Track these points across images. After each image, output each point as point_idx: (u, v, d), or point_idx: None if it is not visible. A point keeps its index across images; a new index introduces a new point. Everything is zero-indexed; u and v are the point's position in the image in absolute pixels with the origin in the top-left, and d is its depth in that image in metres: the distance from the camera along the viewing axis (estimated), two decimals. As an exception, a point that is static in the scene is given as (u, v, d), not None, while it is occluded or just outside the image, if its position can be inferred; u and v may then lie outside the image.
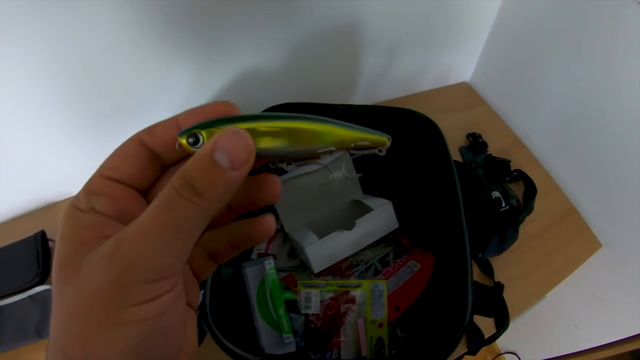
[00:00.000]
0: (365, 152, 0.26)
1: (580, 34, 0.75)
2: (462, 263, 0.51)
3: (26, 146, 0.72)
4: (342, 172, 0.27)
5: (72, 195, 0.80)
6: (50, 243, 0.79)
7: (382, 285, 0.63)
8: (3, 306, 0.71)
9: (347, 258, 0.67)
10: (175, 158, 0.24)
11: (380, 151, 0.26)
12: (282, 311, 0.61)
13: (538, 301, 0.83)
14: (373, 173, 0.71)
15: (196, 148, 0.22)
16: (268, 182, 0.25)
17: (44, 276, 0.75)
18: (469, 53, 1.00)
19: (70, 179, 0.81)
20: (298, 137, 0.24)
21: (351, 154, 0.26)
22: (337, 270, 0.66)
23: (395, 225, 0.66)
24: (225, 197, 0.21)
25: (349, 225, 0.63)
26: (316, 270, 0.62)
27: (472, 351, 0.66)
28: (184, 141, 0.22)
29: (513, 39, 0.90)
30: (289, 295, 0.64)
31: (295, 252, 0.71)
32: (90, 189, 0.23)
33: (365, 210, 0.66)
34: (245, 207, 0.27)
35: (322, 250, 0.62)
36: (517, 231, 0.76)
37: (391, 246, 0.69)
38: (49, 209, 0.84)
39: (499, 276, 0.75)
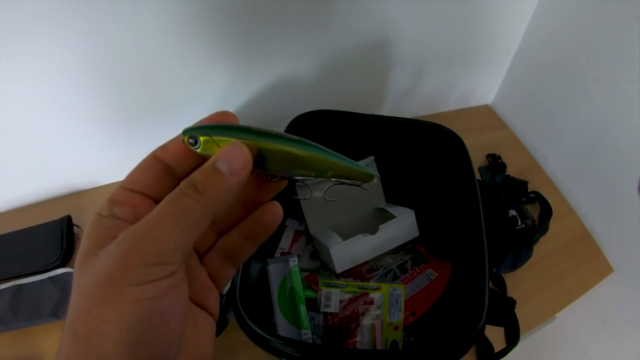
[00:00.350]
0: (349, 183, 0.28)
1: (601, 62, 0.78)
2: (480, 270, 0.54)
3: (62, 135, 0.77)
4: (322, 194, 0.29)
5: (99, 185, 0.85)
6: (75, 228, 0.82)
7: (400, 289, 0.66)
8: (22, 285, 0.74)
9: (367, 262, 0.69)
10: (186, 170, 0.27)
11: (367, 186, 0.28)
12: (302, 307, 0.64)
13: (548, 321, 0.84)
14: (396, 183, 0.74)
15: (195, 148, 0.26)
16: None
17: (65, 259, 0.77)
18: (492, 77, 1.04)
19: (101, 170, 0.85)
20: (285, 158, 0.27)
21: (335, 182, 0.28)
22: (357, 273, 0.69)
23: (416, 233, 0.69)
24: (225, 197, 0.24)
25: (372, 230, 0.66)
26: (338, 270, 0.65)
27: (482, 363, 0.68)
28: (185, 139, 0.26)
29: (535, 65, 0.94)
30: (309, 293, 0.66)
31: (317, 254, 0.74)
32: (112, 199, 0.26)
33: (387, 217, 0.69)
34: (257, 201, 0.30)
35: (346, 252, 0.65)
36: (531, 249, 0.78)
37: (410, 254, 0.72)
38: (77, 196, 0.88)
39: (511, 292, 0.77)
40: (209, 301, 0.29)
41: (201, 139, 0.26)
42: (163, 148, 0.27)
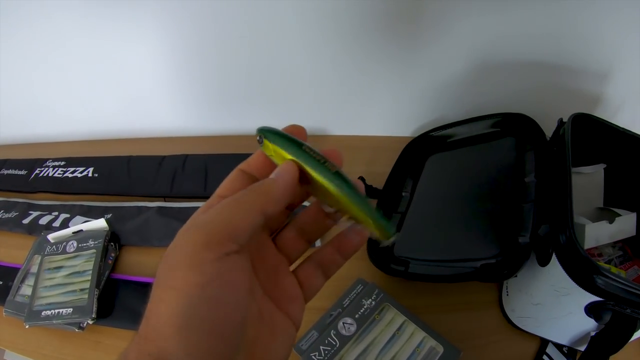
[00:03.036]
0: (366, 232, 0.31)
1: None
2: None
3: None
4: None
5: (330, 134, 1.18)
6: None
7: (622, 274, 0.78)
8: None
9: (597, 248, 0.81)
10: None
11: (384, 243, 0.30)
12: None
13: None
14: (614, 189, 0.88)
15: (260, 146, 0.31)
16: None
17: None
18: None
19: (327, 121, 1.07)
20: (318, 185, 0.29)
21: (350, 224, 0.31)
22: (591, 255, 0.80)
23: (633, 232, 0.82)
24: (270, 195, 0.28)
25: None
26: (587, 246, 0.76)
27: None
28: (257, 137, 0.31)
29: None
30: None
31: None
32: (208, 205, 0.30)
33: (612, 215, 0.82)
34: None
35: (594, 232, 0.76)
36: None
37: (620, 252, 0.84)
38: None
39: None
40: (293, 308, 0.32)
41: (265, 141, 0.31)
42: (246, 163, 0.33)
